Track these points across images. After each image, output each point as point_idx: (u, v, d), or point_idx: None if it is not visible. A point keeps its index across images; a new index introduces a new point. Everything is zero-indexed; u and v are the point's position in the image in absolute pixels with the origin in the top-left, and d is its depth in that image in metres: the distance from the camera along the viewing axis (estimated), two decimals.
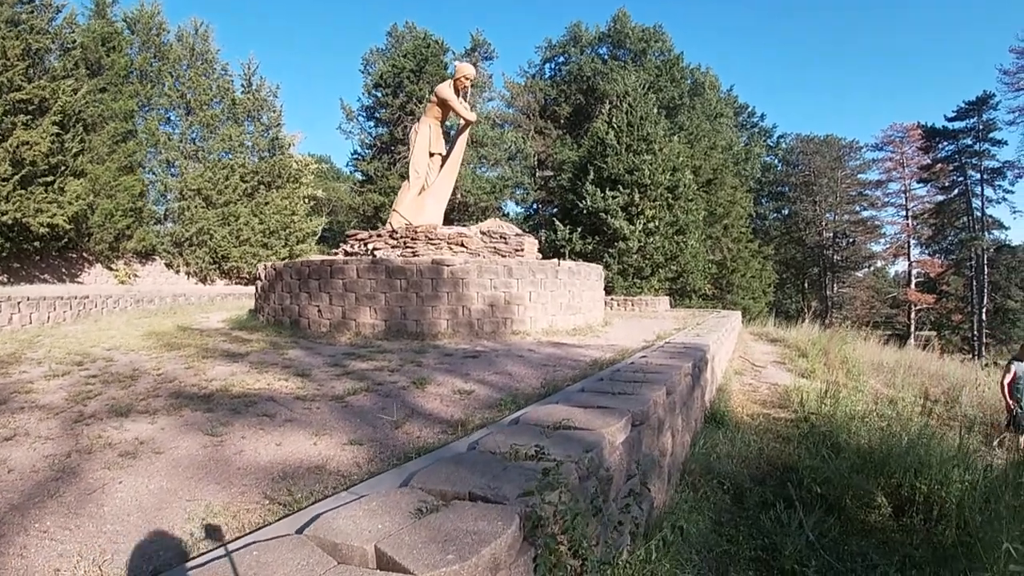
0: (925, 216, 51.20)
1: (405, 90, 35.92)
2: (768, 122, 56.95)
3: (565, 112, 43.13)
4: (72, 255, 22.78)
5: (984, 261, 45.37)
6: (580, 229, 28.36)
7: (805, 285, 56.93)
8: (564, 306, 11.69)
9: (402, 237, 12.03)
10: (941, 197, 50.12)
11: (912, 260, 51.36)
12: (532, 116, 43.78)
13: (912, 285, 49.88)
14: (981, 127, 46.19)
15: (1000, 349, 41.07)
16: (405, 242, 11.95)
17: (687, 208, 28.65)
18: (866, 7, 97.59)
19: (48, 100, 20.38)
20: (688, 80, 42.91)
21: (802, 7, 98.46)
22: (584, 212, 28.11)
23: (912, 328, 47.24)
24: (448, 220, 15.51)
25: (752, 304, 34.42)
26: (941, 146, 49.35)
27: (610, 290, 24.74)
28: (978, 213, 46.98)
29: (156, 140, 27.39)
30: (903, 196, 52.34)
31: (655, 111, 29.94)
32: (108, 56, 25.87)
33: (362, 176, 40.07)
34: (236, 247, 27.54)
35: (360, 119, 40.84)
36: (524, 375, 6.54)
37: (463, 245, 11.88)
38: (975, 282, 45.36)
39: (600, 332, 11.63)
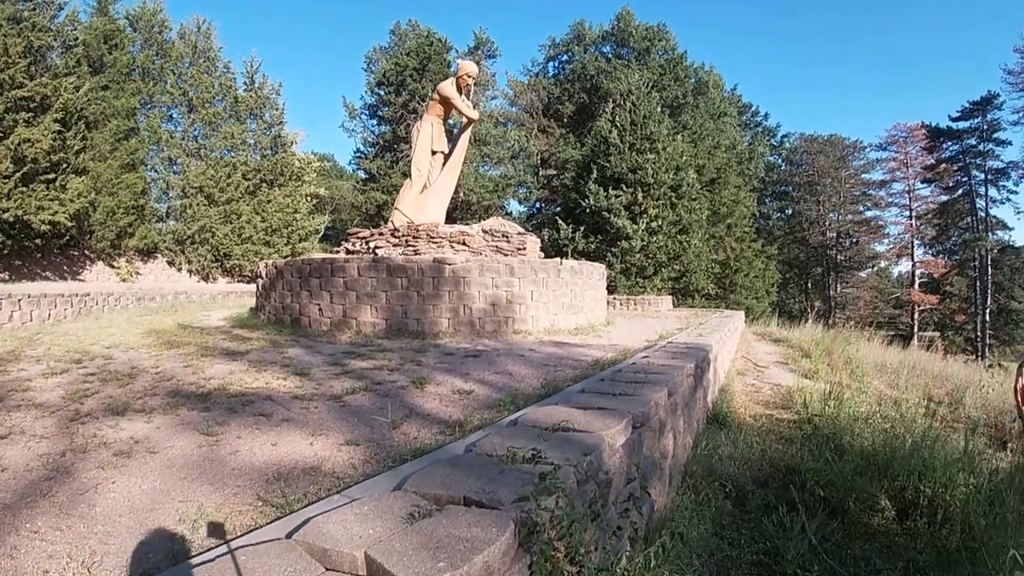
0: (929, 216, 51.07)
1: (408, 88, 35.87)
2: (772, 121, 56.86)
3: (568, 111, 43.04)
4: (74, 253, 22.75)
5: (988, 262, 45.26)
6: (583, 228, 28.29)
7: (808, 285, 56.80)
8: (566, 305, 11.63)
9: (404, 235, 11.99)
10: (945, 197, 49.99)
11: (916, 260, 51.30)
12: (535, 115, 43.69)
13: (915, 285, 49.75)
14: (985, 127, 46.05)
15: (1004, 350, 41.01)
16: (407, 240, 11.91)
17: (690, 207, 28.57)
18: (869, 6, 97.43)
19: (50, 97, 20.27)
20: (692, 79, 42.79)
21: (805, 6, 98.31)
22: (587, 211, 28.05)
23: (915, 329, 47.10)
24: (451, 219, 15.46)
25: (755, 304, 34.32)
26: (945, 146, 49.23)
27: (613, 289, 24.66)
28: (982, 214, 46.91)
29: (158, 138, 27.35)
30: (907, 196, 52.27)
31: (659, 110, 29.84)
32: (110, 53, 25.79)
33: (365, 174, 40.04)
34: (238, 245, 27.50)
35: (363, 117, 40.85)
36: (525, 375, 6.49)
37: (465, 244, 11.84)
38: (979, 283, 45.24)
39: (602, 332, 11.58)
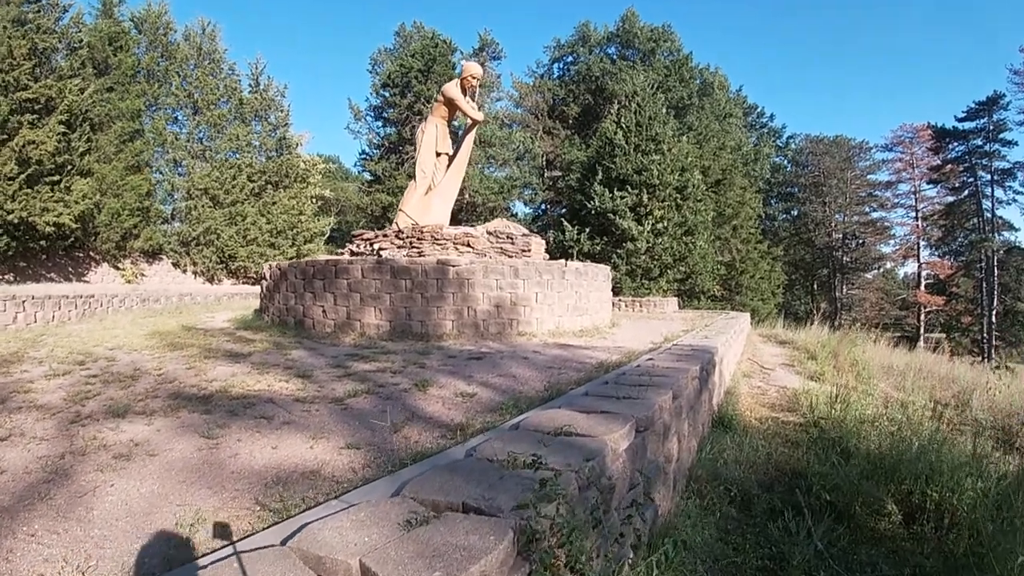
0: (935, 217, 50.76)
1: (413, 90, 35.86)
2: (777, 123, 56.70)
3: (573, 112, 42.98)
4: (79, 254, 22.80)
5: (994, 263, 44.95)
6: (588, 230, 28.21)
7: (814, 287, 56.56)
8: (571, 307, 11.58)
9: (408, 237, 11.97)
10: (951, 198, 49.64)
11: (922, 262, 50.93)
12: (540, 116, 43.65)
13: (922, 287, 49.43)
14: (991, 127, 45.68)
15: (1010, 351, 40.67)
16: (411, 242, 11.88)
17: (696, 209, 28.45)
18: (871, 5, 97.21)
19: (55, 99, 20.34)
20: (697, 80, 42.69)
21: (807, 5, 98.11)
22: (592, 212, 27.96)
23: (922, 330, 46.86)
24: (456, 220, 15.43)
25: (761, 305, 34.16)
26: (951, 147, 48.86)
27: (618, 291, 24.59)
28: (988, 214, 46.52)
29: (163, 140, 27.40)
30: (913, 197, 51.93)
31: (664, 111, 29.74)
32: (115, 56, 25.84)
33: (370, 176, 40.03)
34: (243, 247, 27.54)
35: (368, 119, 40.83)
36: (528, 377, 6.45)
37: (469, 245, 11.80)
38: (985, 284, 44.92)
39: (607, 334, 11.51)
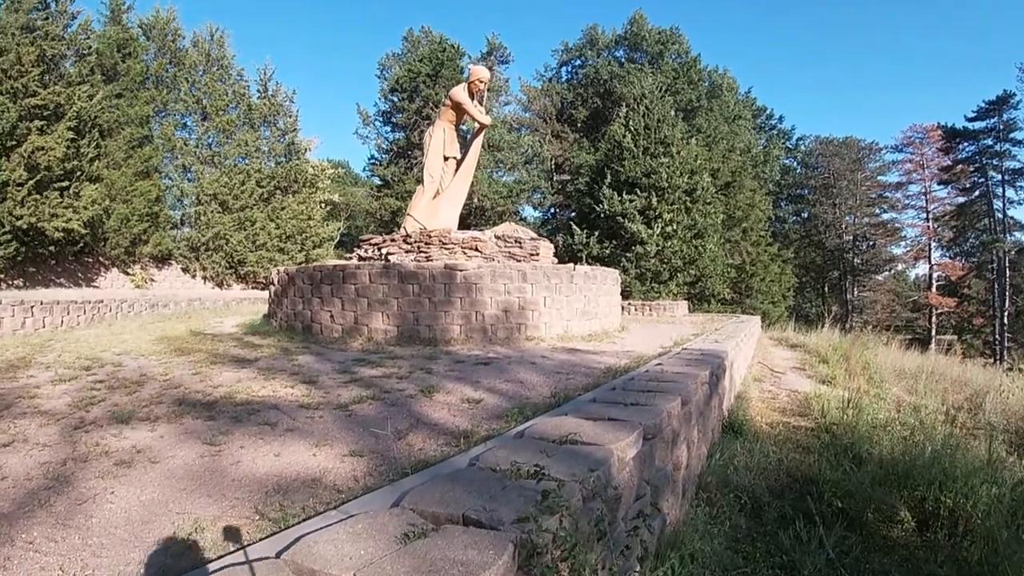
0: (946, 218, 50.21)
1: (421, 95, 35.95)
2: (786, 124, 56.39)
3: (582, 115, 42.93)
4: (88, 260, 22.91)
5: (1006, 264, 44.36)
6: (597, 233, 28.09)
7: (825, 289, 56.12)
8: (579, 311, 11.50)
9: (416, 242, 11.94)
10: (962, 199, 49.06)
11: (933, 263, 50.43)
12: (549, 120, 43.62)
13: (933, 288, 48.92)
14: (1002, 127, 45.09)
15: (1022, 353, 40.19)
16: (419, 247, 11.86)
17: (705, 211, 28.29)
18: (875, 5, 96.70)
19: (63, 106, 20.44)
20: (706, 82, 42.56)
21: (810, 5, 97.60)
22: (601, 216, 27.85)
23: (933, 332, 46.36)
24: (464, 224, 15.42)
25: (771, 308, 33.92)
26: (961, 147, 48.27)
27: (628, 295, 24.46)
28: (999, 215, 45.93)
29: (172, 145, 27.52)
30: (923, 198, 51.43)
31: (672, 114, 29.62)
32: (124, 62, 25.95)
33: (379, 181, 40.16)
34: (252, 252, 27.63)
35: (377, 124, 41.00)
36: (536, 383, 6.38)
37: (477, 250, 11.76)
38: (997, 285, 44.38)
39: (616, 338, 11.43)
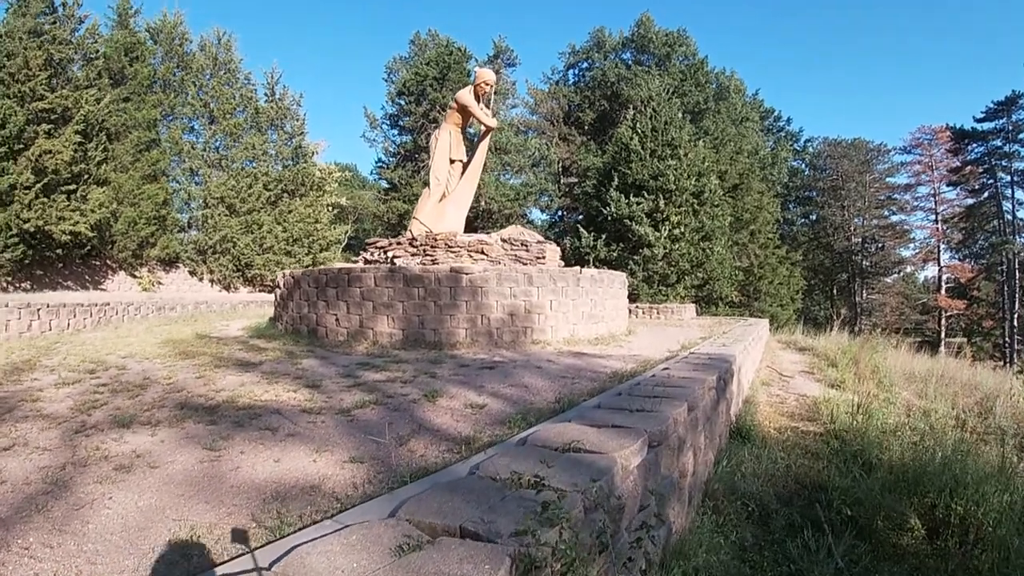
0: (955, 220, 49.76)
1: (428, 98, 35.97)
2: (794, 126, 56.08)
3: (589, 118, 42.83)
4: (95, 263, 22.99)
5: (1015, 265, 43.84)
6: (605, 236, 27.99)
7: (834, 291, 55.74)
8: (586, 315, 11.44)
9: (422, 245, 11.92)
10: (971, 200, 48.62)
11: (942, 265, 50.03)
12: (556, 122, 43.54)
13: (942, 291, 48.49)
14: (1011, 128, 44.61)
15: None
16: (425, 250, 11.83)
17: (713, 214, 28.16)
18: (881, 5, 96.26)
19: (71, 109, 20.53)
20: (713, 84, 42.37)
21: (819, 7, 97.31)
22: (608, 219, 27.77)
23: (943, 335, 45.97)
24: (471, 227, 15.37)
25: (780, 311, 33.70)
26: (970, 148, 47.84)
27: (635, 298, 24.37)
28: (1009, 216, 45.46)
29: (180, 149, 27.59)
30: (932, 200, 50.98)
31: (680, 116, 29.53)
32: (131, 66, 26.08)
33: (387, 184, 40.19)
34: (259, 255, 27.65)
35: (384, 127, 41.04)
36: (540, 388, 6.32)
37: (483, 253, 11.72)
38: (1006, 287, 43.93)
39: (623, 341, 11.35)
